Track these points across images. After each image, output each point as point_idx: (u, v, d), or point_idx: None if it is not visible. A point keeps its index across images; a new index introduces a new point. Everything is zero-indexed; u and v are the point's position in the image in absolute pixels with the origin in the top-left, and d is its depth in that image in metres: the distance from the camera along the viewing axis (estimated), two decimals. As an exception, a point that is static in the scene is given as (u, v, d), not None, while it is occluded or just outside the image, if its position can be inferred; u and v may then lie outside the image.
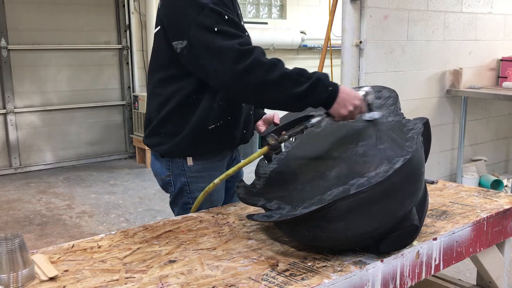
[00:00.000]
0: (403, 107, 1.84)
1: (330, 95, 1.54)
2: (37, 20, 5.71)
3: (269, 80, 1.51)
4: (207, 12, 1.57)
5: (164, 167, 1.85)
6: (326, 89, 1.53)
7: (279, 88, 1.52)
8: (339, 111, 1.56)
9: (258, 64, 1.51)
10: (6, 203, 4.65)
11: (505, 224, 1.80)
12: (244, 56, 1.51)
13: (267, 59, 1.53)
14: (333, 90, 1.54)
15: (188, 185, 1.83)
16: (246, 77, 1.51)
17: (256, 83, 1.52)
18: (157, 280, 1.27)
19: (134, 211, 4.44)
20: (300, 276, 1.28)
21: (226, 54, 1.52)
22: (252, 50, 1.53)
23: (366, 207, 1.31)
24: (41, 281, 1.26)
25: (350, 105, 1.56)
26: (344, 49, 3.74)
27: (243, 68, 1.51)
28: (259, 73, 1.51)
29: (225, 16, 1.58)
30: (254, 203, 1.55)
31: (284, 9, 7.74)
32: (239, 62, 1.51)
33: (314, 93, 1.52)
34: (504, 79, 4.72)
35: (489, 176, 4.76)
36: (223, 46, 1.53)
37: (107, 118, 6.37)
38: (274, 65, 1.52)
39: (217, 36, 1.55)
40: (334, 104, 1.55)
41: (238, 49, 1.52)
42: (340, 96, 1.55)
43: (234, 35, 1.56)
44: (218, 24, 1.56)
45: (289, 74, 1.52)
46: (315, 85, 1.52)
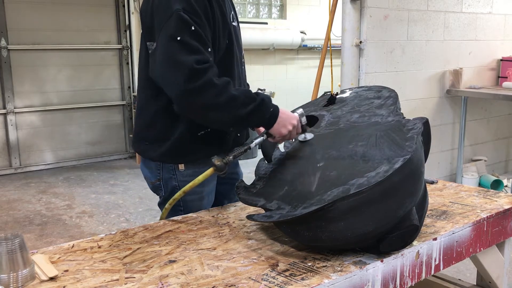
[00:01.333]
0: (403, 107, 1.84)
1: (272, 115, 1.63)
2: (37, 20, 5.71)
3: (218, 102, 1.56)
4: (173, 20, 1.57)
5: (154, 171, 1.83)
6: (268, 110, 1.62)
7: (226, 110, 1.58)
8: (279, 131, 1.64)
9: (210, 86, 1.55)
10: (6, 203, 4.65)
11: (505, 224, 1.80)
12: (198, 76, 1.54)
13: (218, 80, 1.57)
14: (274, 111, 1.63)
15: (179, 189, 1.79)
16: (195, 97, 1.55)
17: (205, 104, 1.57)
18: (157, 280, 1.27)
19: (134, 211, 4.44)
20: (300, 276, 1.28)
21: (181, 70, 1.54)
22: (206, 69, 1.55)
23: (366, 207, 1.31)
24: (41, 281, 1.26)
25: (289, 125, 1.65)
26: (344, 49, 3.74)
27: (194, 88, 1.54)
28: (209, 95, 1.55)
29: (191, 27, 1.58)
30: (254, 203, 1.55)
31: (284, 9, 7.74)
32: (192, 81, 1.54)
33: (257, 114, 1.60)
34: (504, 79, 4.72)
35: (489, 176, 4.76)
36: (180, 61, 1.55)
37: (107, 118, 6.37)
38: (224, 88, 1.56)
39: (178, 47, 1.56)
40: (275, 124, 1.63)
41: (194, 67, 1.54)
42: (280, 117, 1.64)
43: (194, 50, 1.57)
44: (181, 34, 1.56)
45: (236, 97, 1.58)
46: (259, 107, 1.60)
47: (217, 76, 1.58)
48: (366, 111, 1.76)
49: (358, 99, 1.89)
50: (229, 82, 1.59)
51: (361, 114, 1.75)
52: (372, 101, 1.82)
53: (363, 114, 1.74)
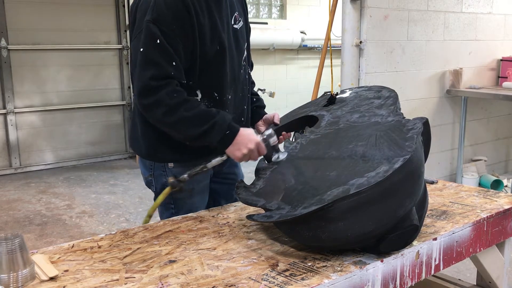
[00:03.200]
0: (403, 107, 1.84)
1: (225, 138, 1.66)
2: (37, 20, 5.71)
3: (166, 121, 1.64)
4: (143, 30, 1.62)
5: (147, 167, 1.87)
6: (222, 132, 1.65)
7: (175, 129, 1.66)
8: (234, 153, 1.68)
9: (159, 105, 1.60)
10: (6, 203, 4.65)
11: (505, 224, 1.80)
12: (149, 93, 1.60)
13: (173, 99, 1.60)
14: (229, 134, 1.66)
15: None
16: (147, 112, 1.65)
17: (155, 120, 1.67)
18: (157, 280, 1.27)
19: (134, 211, 4.44)
20: (300, 276, 1.28)
21: (138, 83, 1.63)
22: (160, 87, 1.60)
23: (366, 207, 1.31)
24: (41, 281, 1.26)
25: (244, 149, 1.66)
26: (344, 49, 3.74)
27: (145, 104, 1.62)
28: (158, 113, 1.62)
29: (157, 40, 1.60)
30: (254, 203, 1.55)
31: (284, 9, 7.74)
32: (143, 96, 1.61)
33: (207, 136, 1.65)
34: (504, 79, 4.72)
35: (489, 176, 4.76)
36: (138, 74, 1.62)
37: (107, 118, 6.37)
38: (175, 107, 1.61)
39: (140, 58, 1.62)
40: (230, 146, 1.67)
41: (147, 83, 1.59)
42: (236, 139, 1.67)
43: (155, 63, 1.60)
44: (145, 46, 1.62)
45: (186, 118, 1.62)
46: (210, 130, 1.64)
47: (175, 92, 1.62)
48: (366, 111, 1.76)
49: (358, 99, 1.89)
50: (185, 101, 1.63)
51: (361, 114, 1.75)
52: (372, 101, 1.82)
53: (363, 114, 1.74)
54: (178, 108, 1.61)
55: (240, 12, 1.87)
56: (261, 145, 1.69)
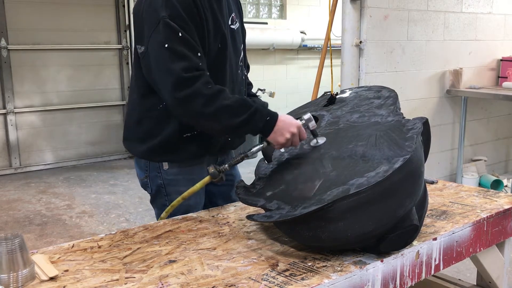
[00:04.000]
0: (403, 107, 1.84)
1: (266, 124, 1.61)
2: (37, 20, 5.71)
3: (206, 112, 1.57)
4: (161, 27, 1.58)
5: (142, 168, 1.87)
6: (263, 119, 1.61)
7: (215, 119, 1.59)
8: (276, 139, 1.63)
9: (197, 95, 1.55)
10: (6, 203, 4.65)
11: (505, 224, 1.80)
12: (186, 84, 1.55)
13: (209, 89, 1.56)
14: (270, 120, 1.62)
15: (164, 187, 1.83)
16: (184, 106, 1.57)
17: (193, 113, 1.58)
18: (157, 280, 1.27)
19: (134, 211, 4.44)
20: (300, 276, 1.28)
21: (169, 78, 1.56)
22: (195, 78, 1.56)
23: (366, 207, 1.31)
24: (41, 281, 1.26)
25: (287, 133, 1.61)
26: (344, 49, 3.74)
27: (181, 97, 1.55)
28: (197, 104, 1.56)
29: (178, 33, 1.58)
30: (254, 204, 1.55)
31: (284, 9, 7.74)
32: (179, 89, 1.55)
33: (250, 123, 1.60)
34: (504, 79, 4.72)
35: (489, 176, 4.76)
36: (169, 68, 1.56)
37: (107, 118, 6.37)
38: (213, 97, 1.56)
39: (167, 54, 1.57)
40: (272, 133, 1.62)
41: (181, 76, 1.54)
42: (277, 125, 1.62)
43: (183, 56, 1.57)
44: (169, 41, 1.57)
45: (227, 106, 1.57)
46: (252, 116, 1.59)
47: (209, 83, 1.58)
48: (366, 111, 1.76)
49: (358, 99, 1.89)
50: (221, 90, 1.59)
51: (361, 114, 1.75)
52: (372, 101, 1.82)
53: (363, 114, 1.74)
54: (216, 98, 1.57)
55: (236, 14, 1.88)
56: (303, 129, 1.65)
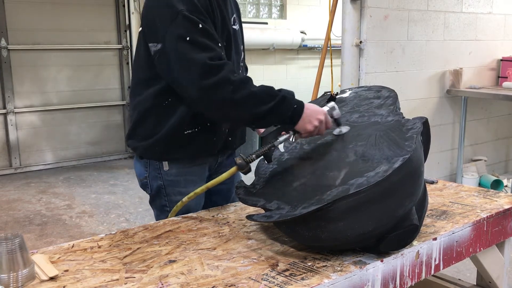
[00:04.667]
0: (403, 107, 1.84)
1: (294, 112, 1.57)
2: (37, 20, 5.71)
3: (235, 99, 1.52)
4: (180, 20, 1.56)
5: (142, 169, 1.85)
6: (291, 107, 1.57)
7: (244, 107, 1.54)
8: (305, 127, 1.59)
9: (226, 82, 1.51)
10: (6, 203, 4.65)
11: (505, 224, 1.80)
12: (212, 72, 1.52)
13: (235, 77, 1.54)
14: (298, 108, 1.58)
15: (164, 188, 1.82)
16: (212, 94, 1.53)
17: (221, 100, 1.53)
18: (157, 280, 1.27)
19: (134, 211, 4.44)
20: (300, 276, 1.28)
21: (195, 67, 1.52)
22: (221, 66, 1.53)
23: (366, 206, 1.31)
24: (41, 281, 1.26)
25: (316, 121, 1.59)
26: (344, 49, 3.74)
27: (209, 84, 1.51)
28: (225, 91, 1.52)
29: (199, 25, 1.56)
30: (254, 204, 1.55)
31: (284, 9, 7.74)
32: (207, 77, 1.51)
33: (278, 111, 1.56)
34: (504, 79, 4.72)
35: (489, 176, 4.76)
36: (192, 58, 1.53)
37: (107, 118, 6.37)
38: (241, 83, 1.54)
39: (188, 46, 1.54)
40: (300, 121, 1.58)
41: (207, 63, 1.52)
42: (305, 113, 1.58)
43: (206, 47, 1.55)
44: (190, 34, 1.55)
45: (255, 93, 1.54)
46: (280, 104, 1.55)
47: (234, 71, 1.56)
48: (366, 111, 1.76)
49: (358, 99, 1.89)
50: (248, 78, 1.56)
51: (360, 114, 1.75)
52: (372, 101, 1.82)
53: (363, 114, 1.74)
54: (244, 84, 1.54)
55: (236, 15, 1.89)
56: (328, 116, 1.63)
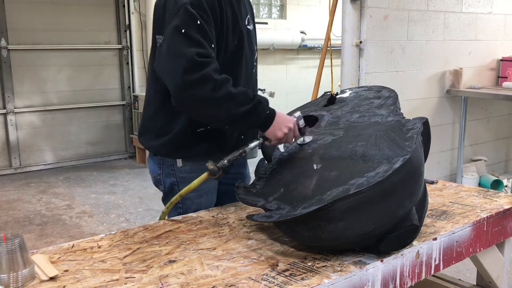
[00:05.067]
0: (403, 107, 1.84)
1: (267, 117, 1.63)
2: (37, 20, 5.71)
3: (214, 97, 1.55)
4: (181, 13, 1.59)
5: (156, 165, 1.87)
6: (264, 112, 1.62)
7: (221, 106, 1.57)
8: (275, 134, 1.64)
9: (207, 79, 1.54)
10: (6, 203, 4.65)
11: (505, 224, 1.80)
12: (196, 68, 1.54)
13: (218, 76, 1.56)
14: (270, 114, 1.63)
15: (177, 185, 1.83)
16: (193, 90, 1.55)
17: (201, 97, 1.55)
18: (157, 280, 1.27)
19: (134, 211, 4.44)
20: (300, 276, 1.28)
21: (181, 60, 1.54)
22: (207, 63, 1.55)
23: (366, 207, 1.32)
24: (41, 281, 1.26)
25: (285, 128, 1.64)
26: (344, 49, 3.74)
27: (191, 80, 1.53)
28: (206, 89, 1.54)
29: (197, 21, 1.59)
30: (253, 204, 1.55)
31: (284, 9, 7.74)
32: (190, 73, 1.53)
33: (253, 115, 1.60)
34: (504, 79, 4.72)
35: (489, 176, 4.76)
36: (181, 51, 1.55)
37: (107, 118, 6.37)
38: (222, 83, 1.56)
39: (181, 39, 1.56)
40: (270, 127, 1.64)
41: (194, 59, 1.53)
42: (276, 120, 1.64)
43: (198, 43, 1.57)
44: (186, 27, 1.57)
45: (234, 94, 1.58)
46: (256, 108, 1.60)
47: (218, 71, 1.58)
48: (366, 111, 1.76)
49: (358, 99, 1.89)
50: (228, 79, 1.59)
51: (361, 114, 1.75)
52: (372, 101, 1.82)
53: (363, 114, 1.74)
54: (224, 84, 1.57)
55: (250, 16, 1.90)
56: (296, 125, 1.68)
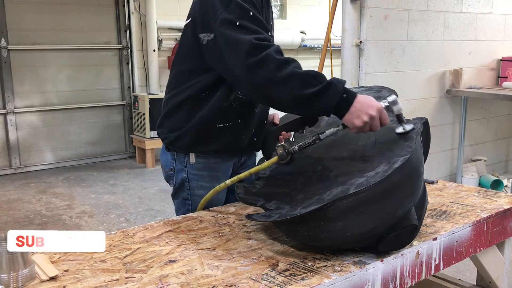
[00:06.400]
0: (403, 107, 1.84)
1: (341, 102, 1.44)
2: (37, 20, 5.71)
3: (277, 77, 1.45)
4: (233, 7, 1.57)
5: (169, 160, 1.87)
6: (338, 95, 1.44)
7: (286, 87, 1.46)
8: (352, 122, 1.45)
9: (269, 60, 1.47)
10: (6, 203, 4.65)
11: (505, 224, 1.80)
12: (257, 50, 1.48)
13: (279, 57, 1.49)
14: (347, 98, 1.45)
15: (188, 182, 1.84)
16: (255, 72, 1.48)
17: (264, 78, 1.47)
18: (157, 280, 1.27)
19: (134, 211, 4.44)
20: (300, 276, 1.28)
21: (241, 47, 1.50)
22: (268, 45, 1.50)
23: (365, 206, 1.32)
24: (41, 281, 1.26)
25: (365, 115, 1.44)
26: (344, 49, 3.74)
27: (253, 62, 1.47)
28: (268, 69, 1.46)
29: (250, 12, 1.57)
30: (253, 203, 1.55)
31: (284, 9, 7.75)
32: (251, 55, 1.48)
33: (323, 97, 1.44)
34: (504, 79, 4.72)
35: (489, 176, 4.76)
36: (240, 39, 1.52)
37: (107, 118, 6.38)
38: (286, 63, 1.48)
39: (237, 30, 1.54)
40: (347, 113, 1.45)
41: (253, 42, 1.49)
42: (354, 106, 1.44)
43: (255, 31, 1.55)
44: (241, 19, 1.55)
45: (300, 75, 1.46)
46: (326, 89, 1.44)
47: (281, 52, 1.52)
48: (366, 111, 1.76)
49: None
50: (294, 60, 1.51)
51: (361, 114, 1.75)
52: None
53: (363, 114, 1.74)
54: (288, 64, 1.47)
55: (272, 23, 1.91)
56: (385, 112, 1.48)
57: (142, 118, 6.02)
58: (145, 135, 5.98)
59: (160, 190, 4.98)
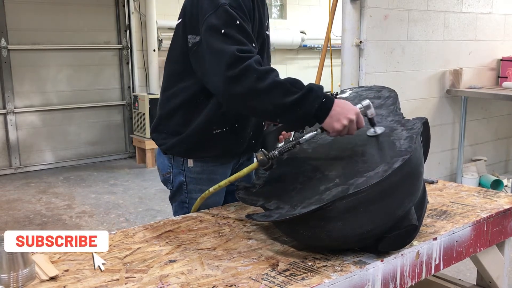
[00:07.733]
0: (403, 107, 1.84)
1: (322, 107, 1.48)
2: (37, 20, 5.71)
3: (258, 88, 1.47)
4: (220, 13, 1.56)
5: (166, 164, 1.86)
6: (318, 100, 1.47)
7: (268, 97, 1.48)
8: (332, 125, 1.49)
9: (249, 71, 1.48)
10: (6, 203, 4.65)
11: (505, 224, 1.80)
12: (238, 62, 1.49)
13: (260, 68, 1.50)
14: (326, 102, 1.48)
15: (186, 185, 1.83)
16: (236, 84, 1.48)
17: (245, 90, 1.48)
18: (157, 280, 1.27)
19: (134, 211, 4.44)
20: (300, 276, 1.28)
21: (223, 58, 1.50)
22: (248, 57, 1.50)
23: (365, 206, 1.32)
24: (41, 281, 1.26)
25: (345, 119, 1.48)
26: (344, 49, 3.74)
27: (233, 74, 1.48)
28: (249, 80, 1.47)
29: (237, 20, 1.56)
30: (253, 203, 1.55)
31: (284, 9, 7.74)
32: (232, 67, 1.48)
33: (304, 104, 1.47)
34: (504, 79, 4.72)
35: (489, 176, 4.76)
36: (223, 49, 1.51)
37: (107, 118, 6.37)
38: (266, 73, 1.49)
39: (221, 39, 1.53)
40: (327, 117, 1.48)
41: (236, 54, 1.49)
42: (334, 110, 1.48)
43: (239, 41, 1.54)
44: (226, 27, 1.54)
45: (280, 83, 1.48)
46: (306, 96, 1.47)
47: (261, 63, 1.53)
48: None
49: (358, 99, 1.89)
50: (273, 69, 1.53)
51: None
52: (372, 101, 1.82)
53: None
54: (269, 74, 1.48)
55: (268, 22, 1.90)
56: (361, 116, 1.52)
57: (142, 118, 6.02)
58: (145, 135, 5.98)
59: (160, 190, 4.98)
